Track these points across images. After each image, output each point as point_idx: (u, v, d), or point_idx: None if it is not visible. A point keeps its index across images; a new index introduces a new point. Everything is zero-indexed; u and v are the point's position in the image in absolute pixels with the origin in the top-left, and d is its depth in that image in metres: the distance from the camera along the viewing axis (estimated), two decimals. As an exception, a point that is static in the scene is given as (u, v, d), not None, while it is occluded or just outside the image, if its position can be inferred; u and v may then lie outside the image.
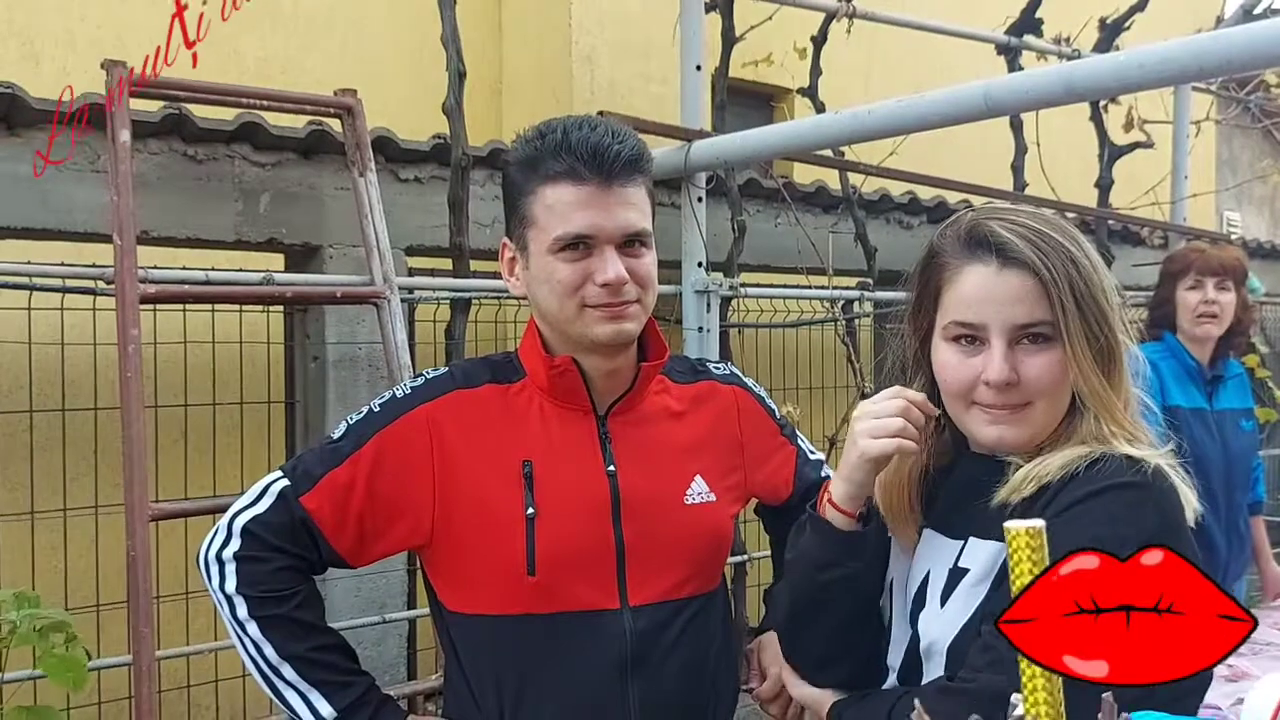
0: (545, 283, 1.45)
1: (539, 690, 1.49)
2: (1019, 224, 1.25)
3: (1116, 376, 1.24)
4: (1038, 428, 1.25)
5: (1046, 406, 1.23)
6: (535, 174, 1.45)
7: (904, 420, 1.25)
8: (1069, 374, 1.22)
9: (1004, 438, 1.25)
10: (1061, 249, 1.23)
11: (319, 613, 1.56)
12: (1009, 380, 1.22)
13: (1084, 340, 1.21)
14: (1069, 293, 1.21)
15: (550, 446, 1.51)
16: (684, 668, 1.54)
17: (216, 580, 1.50)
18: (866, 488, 1.30)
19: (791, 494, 1.74)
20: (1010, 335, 1.23)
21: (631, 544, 1.50)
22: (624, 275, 1.43)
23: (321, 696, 1.50)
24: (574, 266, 1.43)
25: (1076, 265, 1.22)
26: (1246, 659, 2.48)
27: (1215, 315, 3.02)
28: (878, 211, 4.70)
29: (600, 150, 1.42)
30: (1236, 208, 8.66)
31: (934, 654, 1.26)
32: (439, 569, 1.55)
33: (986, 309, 1.24)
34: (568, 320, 1.45)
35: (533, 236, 1.46)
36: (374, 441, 1.49)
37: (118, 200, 2.42)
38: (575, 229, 1.42)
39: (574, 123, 1.45)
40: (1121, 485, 1.16)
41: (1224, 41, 2.00)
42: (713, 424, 1.63)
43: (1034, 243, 1.23)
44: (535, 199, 1.45)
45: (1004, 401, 1.24)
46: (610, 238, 1.43)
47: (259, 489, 1.53)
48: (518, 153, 1.49)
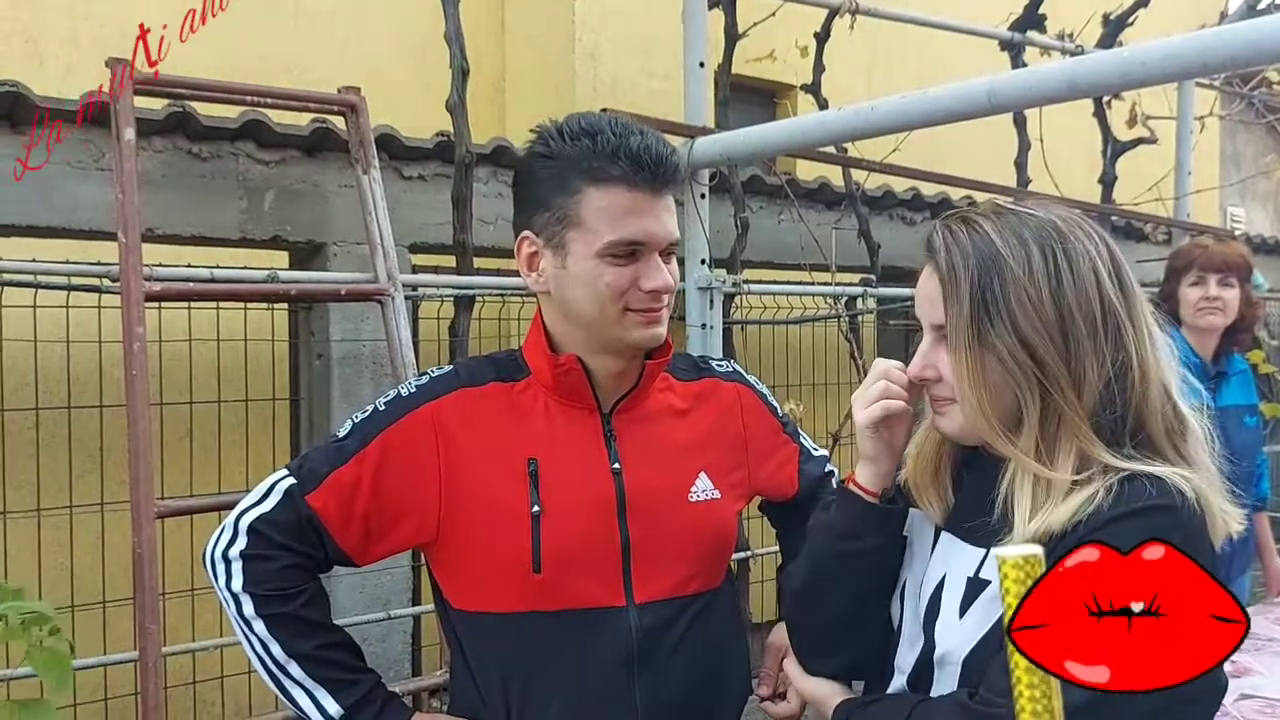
0: (589, 285, 1.45)
1: (545, 687, 1.49)
2: (974, 225, 1.24)
3: (1052, 391, 1.19)
4: (966, 423, 1.25)
5: (965, 405, 1.23)
6: (584, 175, 1.44)
7: (885, 383, 1.31)
8: (987, 375, 1.21)
9: (941, 426, 1.30)
10: (992, 256, 1.21)
11: (325, 610, 1.56)
12: (922, 375, 1.29)
13: (981, 347, 1.20)
14: (964, 298, 1.21)
15: (555, 444, 1.51)
16: (690, 664, 1.55)
17: (223, 579, 1.51)
18: (882, 464, 1.33)
19: (798, 491, 1.75)
20: (932, 334, 1.28)
21: (637, 541, 1.50)
22: (670, 283, 1.45)
23: (328, 694, 1.51)
24: (622, 271, 1.43)
25: (1001, 272, 1.20)
26: (1249, 655, 2.48)
27: (1219, 308, 3.02)
28: (881, 208, 4.70)
29: (660, 159, 1.43)
30: (1240, 203, 8.66)
31: (948, 664, 1.25)
32: (445, 567, 1.55)
33: (919, 307, 1.31)
34: (607, 323, 1.46)
35: (577, 237, 1.45)
36: (379, 440, 1.49)
37: (122, 198, 2.42)
38: (630, 235, 1.43)
39: (622, 127, 1.45)
40: (1135, 512, 1.14)
41: (1228, 37, 2.00)
42: (716, 421, 1.64)
43: (957, 246, 1.23)
44: (582, 199, 1.44)
45: (935, 394, 1.29)
46: (659, 245, 1.45)
47: (265, 487, 1.53)
48: (557, 148, 1.46)
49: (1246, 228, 7.95)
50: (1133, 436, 1.21)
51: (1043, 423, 1.20)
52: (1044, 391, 1.20)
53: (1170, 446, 1.22)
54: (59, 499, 3.12)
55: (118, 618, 2.95)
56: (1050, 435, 1.20)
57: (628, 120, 1.49)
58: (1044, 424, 1.20)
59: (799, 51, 4.44)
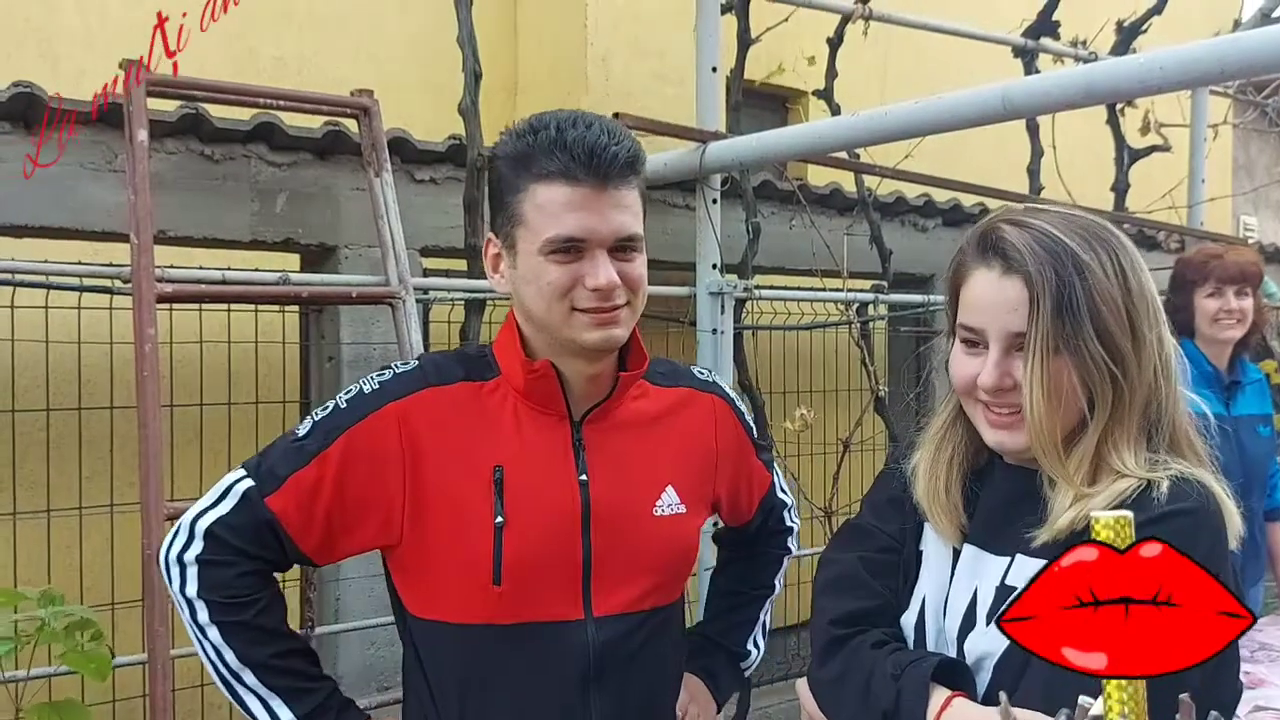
0: (533, 284, 1.40)
1: (500, 698, 1.47)
2: (1034, 227, 1.23)
3: (1125, 389, 1.20)
4: (1030, 437, 1.23)
5: (1034, 416, 1.21)
6: (526, 171, 1.39)
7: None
8: (1061, 384, 1.20)
9: (1003, 443, 1.26)
10: (1069, 257, 1.20)
11: (281, 617, 1.52)
12: (1000, 386, 1.23)
13: (1063, 353, 1.19)
14: (1051, 304, 1.18)
15: (523, 452, 1.46)
16: (646, 679, 1.53)
17: (177, 583, 1.47)
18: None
19: (752, 518, 1.74)
20: (1007, 342, 1.23)
21: (599, 555, 1.47)
22: (615, 280, 1.38)
23: (282, 703, 1.48)
24: (564, 269, 1.38)
25: (1082, 273, 1.19)
26: (1264, 666, 2.46)
27: (1238, 320, 3.02)
28: (893, 214, 4.69)
29: (597, 150, 1.36)
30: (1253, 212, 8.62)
31: (980, 670, 1.24)
32: (405, 572, 1.51)
33: (985, 315, 1.24)
34: (556, 324, 1.41)
35: (521, 235, 1.41)
36: (342, 440, 1.44)
37: (135, 199, 2.42)
38: (568, 231, 1.37)
39: (568, 119, 1.40)
40: (1171, 514, 1.15)
41: (1245, 44, 1.99)
42: (688, 432, 1.59)
43: (1035, 250, 1.20)
44: (525, 197, 1.39)
45: (1003, 403, 1.24)
46: (603, 241, 1.38)
47: (221, 489, 1.48)
48: (507, 147, 1.43)
49: (1259, 236, 7.92)
50: (1167, 436, 1.23)
51: (1104, 430, 1.20)
52: (1117, 392, 1.20)
53: (1188, 445, 1.24)
54: (69, 500, 3.13)
55: (127, 619, 2.95)
56: (1105, 443, 1.21)
57: (583, 114, 1.43)
58: (1106, 431, 1.20)
59: (808, 60, 4.43)
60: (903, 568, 1.38)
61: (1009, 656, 1.20)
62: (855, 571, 1.38)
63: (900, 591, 1.37)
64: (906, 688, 1.20)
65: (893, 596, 1.36)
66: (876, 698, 1.22)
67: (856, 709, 1.26)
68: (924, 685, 1.19)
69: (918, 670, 1.21)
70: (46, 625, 1.96)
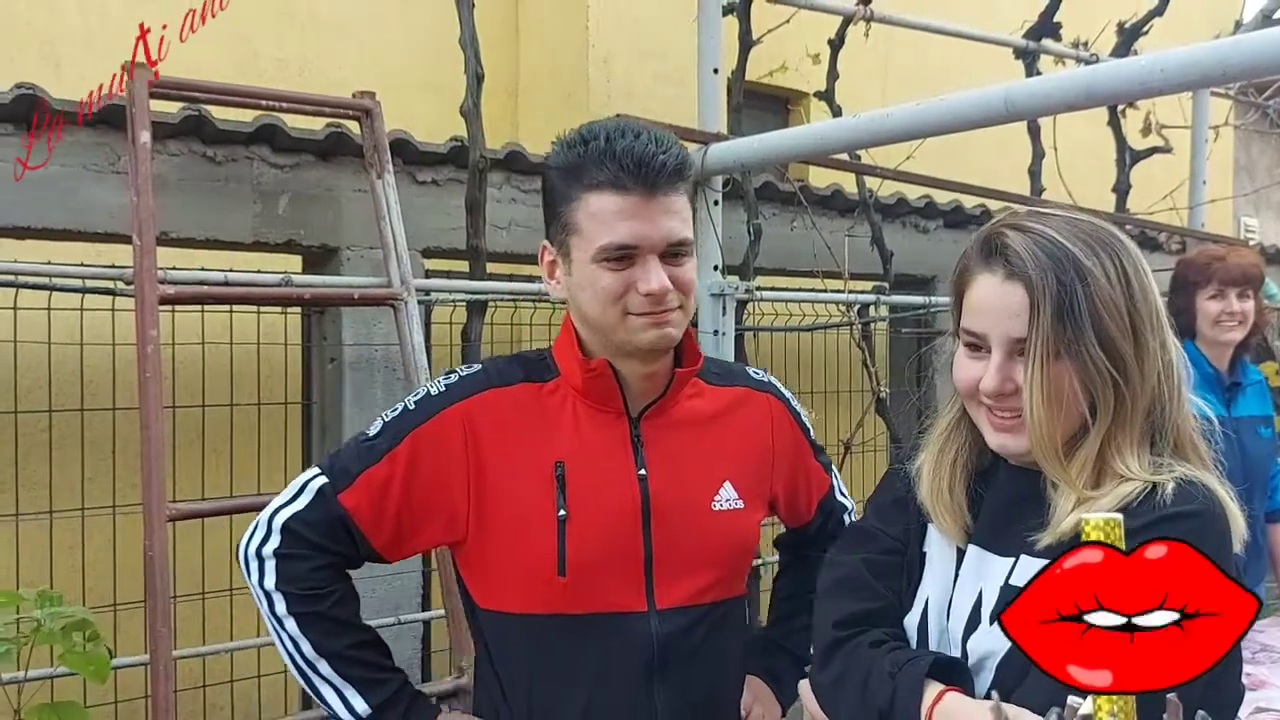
0: (588, 289, 1.46)
1: (567, 688, 1.51)
2: (1036, 232, 1.23)
3: (1127, 394, 1.20)
4: (1031, 441, 1.23)
5: (1034, 420, 1.21)
6: (578, 181, 1.45)
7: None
8: (1061, 389, 1.20)
9: (1006, 446, 1.27)
10: (1070, 262, 1.20)
11: (355, 610, 1.58)
12: (1002, 391, 1.24)
13: (1064, 358, 1.19)
14: (1051, 309, 1.18)
15: (583, 448, 1.52)
16: (708, 671, 1.56)
17: (256, 576, 1.53)
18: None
19: (811, 520, 1.76)
20: (1008, 347, 1.24)
21: (659, 548, 1.51)
22: (667, 285, 1.43)
23: (357, 692, 1.53)
24: (617, 275, 1.43)
25: (1084, 279, 1.19)
26: (1265, 668, 2.47)
27: (1240, 322, 3.02)
28: (894, 215, 4.69)
29: (645, 160, 1.41)
30: (1254, 213, 8.62)
31: (983, 669, 1.25)
32: (471, 566, 1.56)
33: (987, 319, 1.25)
34: (611, 327, 1.46)
35: (575, 244, 1.46)
36: (410, 439, 1.51)
37: (137, 201, 2.43)
38: (620, 239, 1.42)
39: (617, 130, 1.45)
40: (1176, 516, 1.15)
41: (1247, 45, 1.99)
42: (744, 430, 1.63)
43: (1037, 255, 1.21)
44: (578, 206, 1.45)
45: (1005, 407, 1.25)
46: (654, 247, 1.43)
47: (298, 486, 1.55)
48: (559, 158, 1.48)
49: (1260, 238, 7.92)
50: (1170, 440, 1.23)
51: (1107, 434, 1.20)
52: (1119, 397, 1.20)
53: (1192, 449, 1.25)
54: (71, 501, 3.13)
55: (129, 620, 2.95)
56: (1108, 447, 1.20)
57: (630, 124, 1.48)
58: (1108, 435, 1.20)
59: (810, 61, 4.43)
60: (906, 569, 1.38)
61: (1012, 656, 1.20)
62: (858, 573, 1.38)
63: (903, 593, 1.37)
64: (902, 684, 1.21)
65: (895, 598, 1.37)
66: (873, 695, 1.23)
67: (855, 708, 1.26)
68: (919, 681, 1.20)
69: (914, 668, 1.22)
70: (43, 626, 1.96)
